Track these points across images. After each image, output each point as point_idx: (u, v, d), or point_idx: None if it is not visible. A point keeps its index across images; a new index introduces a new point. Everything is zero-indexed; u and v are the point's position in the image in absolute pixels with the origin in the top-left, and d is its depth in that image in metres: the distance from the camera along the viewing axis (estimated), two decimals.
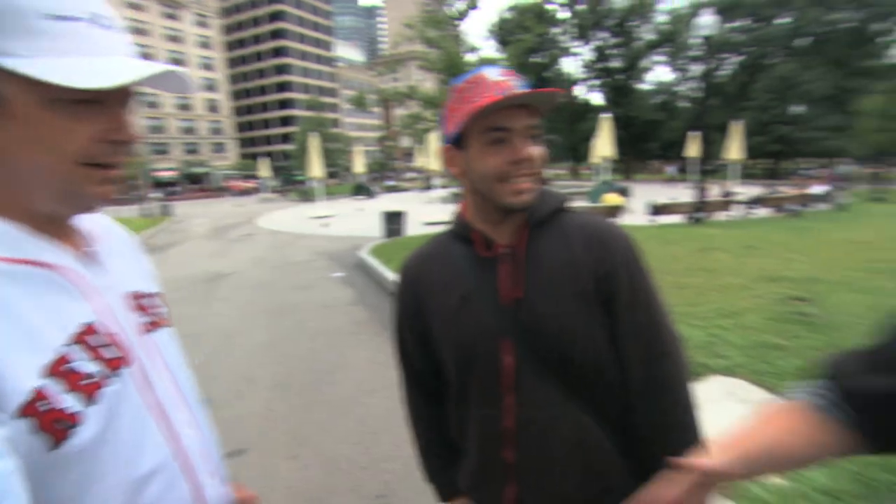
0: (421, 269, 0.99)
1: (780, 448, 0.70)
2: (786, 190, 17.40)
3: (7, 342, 0.48)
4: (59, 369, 0.51)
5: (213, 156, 65.99)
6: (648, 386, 0.87)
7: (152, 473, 0.59)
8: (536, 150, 0.84)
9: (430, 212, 15.41)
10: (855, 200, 16.78)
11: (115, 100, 0.56)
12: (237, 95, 79.45)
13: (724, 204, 14.46)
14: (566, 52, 51.26)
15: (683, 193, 18.57)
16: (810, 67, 38.04)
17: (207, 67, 66.28)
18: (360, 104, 14.57)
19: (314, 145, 18.61)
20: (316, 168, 18.49)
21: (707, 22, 11.41)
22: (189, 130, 63.56)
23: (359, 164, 28.56)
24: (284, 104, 78.44)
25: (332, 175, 63.28)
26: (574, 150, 49.97)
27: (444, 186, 29.01)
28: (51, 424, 0.49)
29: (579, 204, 13.26)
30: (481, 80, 0.82)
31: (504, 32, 43.99)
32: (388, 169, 71.47)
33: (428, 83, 19.61)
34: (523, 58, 10.17)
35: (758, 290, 5.15)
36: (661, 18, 46.98)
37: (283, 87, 78.57)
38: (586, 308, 0.85)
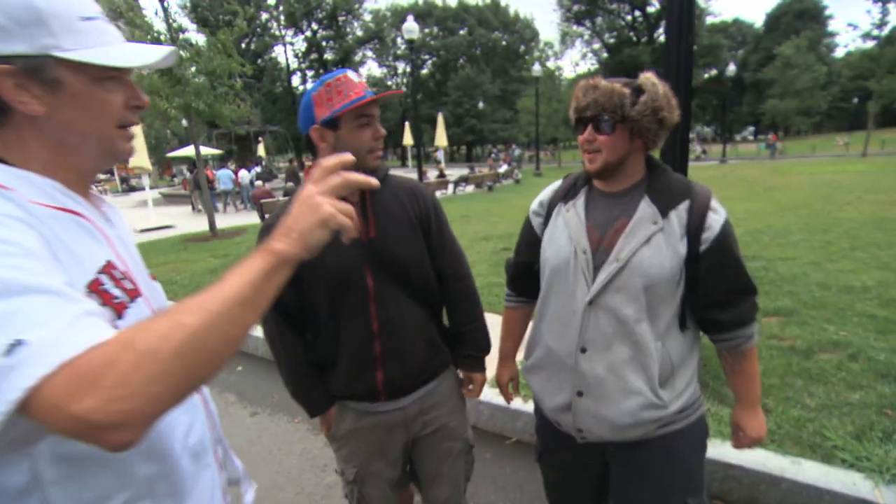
0: None
1: (520, 338, 1.42)
2: (483, 170, 21.57)
3: (66, 257, 0.61)
4: (97, 288, 0.65)
5: None
6: (458, 291, 1.43)
7: None
8: (384, 131, 1.25)
9: (141, 216, 12.94)
10: (524, 176, 22.09)
11: (126, 75, 0.72)
12: None
13: (440, 184, 16.97)
14: (279, 40, 49.65)
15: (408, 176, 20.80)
16: (484, 72, 47.45)
17: None
18: None
19: None
20: None
21: (411, 26, 12.95)
22: None
23: None
24: None
25: None
26: (298, 141, 49.12)
27: (153, 187, 24.42)
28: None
29: None
30: (348, 80, 1.18)
31: (203, 8, 39.43)
32: None
33: None
34: (234, 44, 9.04)
35: (478, 248, 6.43)
36: (367, 17, 50.38)
37: None
38: (415, 240, 1.28)
